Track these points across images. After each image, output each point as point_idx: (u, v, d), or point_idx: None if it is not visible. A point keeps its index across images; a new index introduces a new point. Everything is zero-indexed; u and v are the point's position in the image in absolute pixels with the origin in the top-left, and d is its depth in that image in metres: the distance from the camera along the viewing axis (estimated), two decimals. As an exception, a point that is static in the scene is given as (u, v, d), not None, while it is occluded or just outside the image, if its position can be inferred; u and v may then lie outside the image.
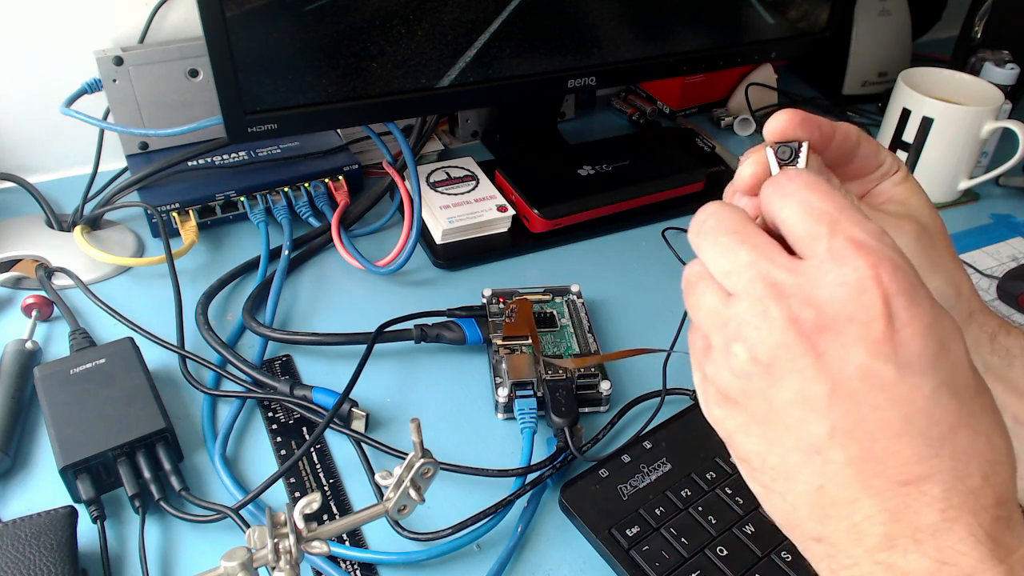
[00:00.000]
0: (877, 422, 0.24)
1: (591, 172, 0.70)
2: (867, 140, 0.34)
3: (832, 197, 0.26)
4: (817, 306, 0.24)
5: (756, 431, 0.26)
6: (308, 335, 0.54)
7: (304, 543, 0.31)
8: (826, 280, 0.24)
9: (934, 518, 0.23)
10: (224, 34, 0.51)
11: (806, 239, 0.26)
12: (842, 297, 0.24)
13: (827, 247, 0.25)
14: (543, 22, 0.62)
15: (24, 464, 0.47)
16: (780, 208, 0.27)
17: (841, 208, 0.25)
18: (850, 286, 0.24)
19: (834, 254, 0.25)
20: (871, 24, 0.89)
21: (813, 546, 0.26)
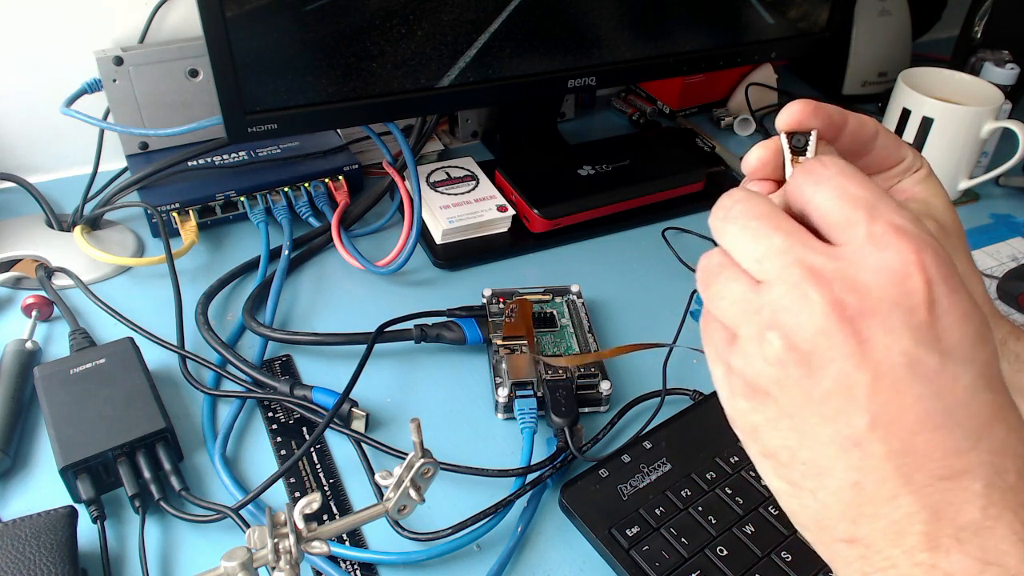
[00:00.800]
0: (919, 413, 0.23)
1: (591, 172, 0.70)
2: (887, 133, 0.33)
3: (867, 184, 0.25)
4: (860, 291, 0.23)
5: (787, 424, 0.25)
6: (308, 335, 0.54)
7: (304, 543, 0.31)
8: (868, 264, 0.24)
9: (976, 515, 0.23)
10: (224, 34, 0.51)
11: (842, 224, 0.25)
12: (885, 282, 0.23)
13: (867, 232, 0.24)
14: (543, 22, 0.62)
15: (24, 464, 0.47)
16: (813, 194, 0.26)
17: (878, 195, 0.25)
18: (893, 270, 0.23)
19: (875, 239, 0.24)
20: (871, 24, 0.89)
21: (843, 549, 0.25)
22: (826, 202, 0.25)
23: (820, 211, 0.26)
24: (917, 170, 0.34)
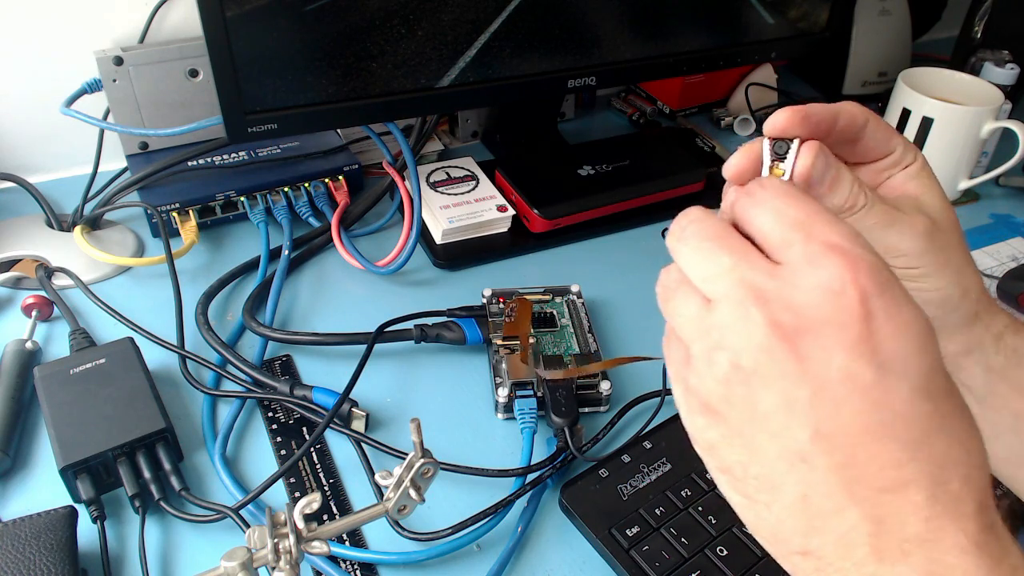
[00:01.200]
0: (858, 426, 0.24)
1: (591, 172, 0.70)
2: (878, 124, 0.33)
3: (804, 204, 0.26)
4: (796, 310, 0.24)
5: (739, 441, 0.26)
6: (308, 335, 0.54)
7: (304, 543, 0.31)
8: (803, 283, 0.24)
9: (919, 527, 0.23)
10: (224, 34, 0.51)
11: (781, 245, 0.25)
12: (819, 300, 0.24)
13: (803, 252, 0.25)
14: (543, 22, 0.62)
15: (24, 464, 0.47)
16: (754, 216, 0.27)
17: (813, 213, 0.25)
18: (827, 288, 0.24)
19: (810, 258, 0.24)
20: (871, 24, 0.89)
21: (799, 561, 0.25)
22: (766, 224, 0.26)
23: (761, 233, 0.26)
24: (908, 165, 0.34)
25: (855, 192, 0.31)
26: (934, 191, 0.34)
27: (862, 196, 0.31)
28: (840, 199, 0.31)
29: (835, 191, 0.31)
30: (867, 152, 0.34)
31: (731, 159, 0.31)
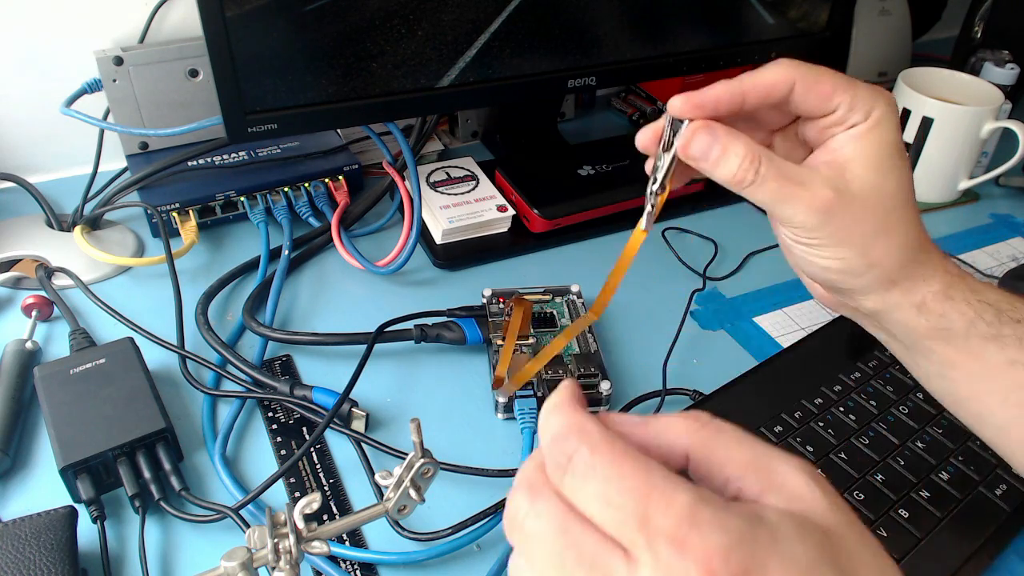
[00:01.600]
0: None
1: (591, 172, 0.70)
2: (811, 86, 0.33)
3: (632, 482, 0.22)
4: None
5: None
6: (308, 335, 0.54)
7: (304, 543, 0.31)
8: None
9: None
10: (224, 34, 0.51)
11: (624, 542, 0.22)
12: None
13: (650, 558, 0.21)
14: (543, 22, 0.62)
15: (24, 464, 0.47)
16: (580, 504, 0.23)
17: (645, 494, 0.21)
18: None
19: (658, 562, 0.21)
20: (871, 24, 0.89)
21: None
22: (598, 515, 0.22)
23: (598, 521, 0.22)
24: (854, 125, 0.34)
25: (743, 168, 0.33)
26: (868, 159, 0.34)
27: (751, 173, 0.33)
28: (725, 175, 0.33)
29: (720, 167, 0.33)
30: (804, 111, 0.34)
31: (640, 133, 0.34)
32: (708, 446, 0.24)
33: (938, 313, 0.35)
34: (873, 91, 0.34)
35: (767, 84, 0.33)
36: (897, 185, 0.34)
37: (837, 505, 0.23)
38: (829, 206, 0.33)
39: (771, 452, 0.24)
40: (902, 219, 0.34)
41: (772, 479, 0.23)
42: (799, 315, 0.61)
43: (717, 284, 0.64)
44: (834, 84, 0.34)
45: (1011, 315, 0.35)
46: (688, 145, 0.33)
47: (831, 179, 0.33)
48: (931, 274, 0.36)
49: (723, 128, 0.33)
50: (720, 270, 0.66)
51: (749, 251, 0.67)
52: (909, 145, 0.73)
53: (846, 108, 0.34)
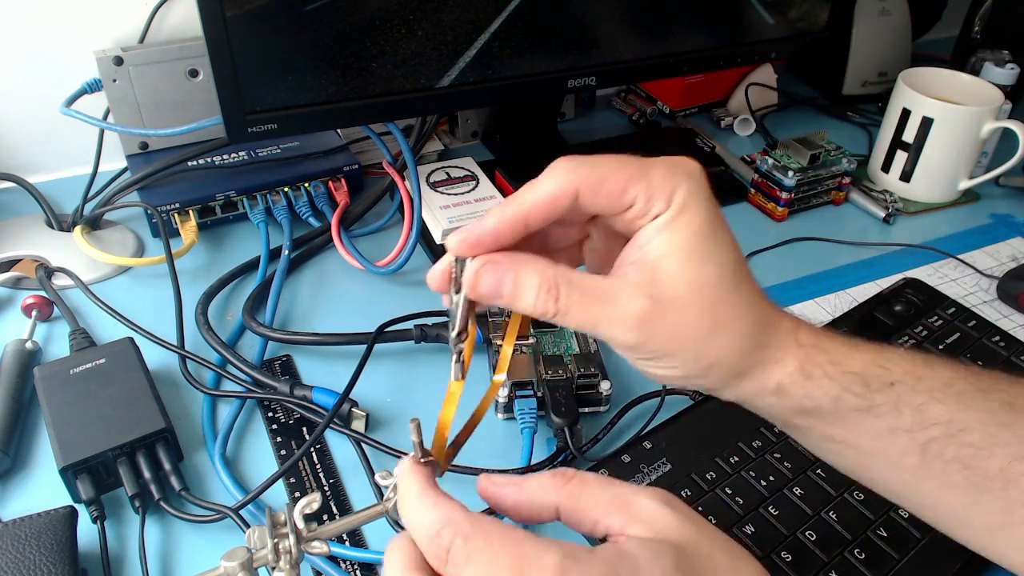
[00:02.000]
0: None
1: (591, 172, 0.70)
2: (602, 183, 0.29)
3: (503, 559, 0.24)
4: None
5: None
6: (308, 335, 0.54)
7: (304, 543, 0.31)
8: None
9: None
10: (224, 34, 0.51)
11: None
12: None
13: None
14: (543, 22, 0.62)
15: (24, 464, 0.47)
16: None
17: (518, 567, 0.24)
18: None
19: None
20: (871, 24, 0.89)
21: None
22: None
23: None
24: (657, 215, 0.30)
25: (542, 300, 0.29)
26: (679, 252, 0.30)
27: (551, 303, 0.29)
28: (525, 309, 0.30)
29: (517, 302, 0.30)
30: (598, 212, 0.31)
31: (429, 274, 0.31)
32: (574, 496, 0.27)
33: (800, 395, 0.32)
34: (671, 172, 0.30)
35: (546, 202, 0.30)
36: (718, 273, 0.30)
37: (690, 521, 0.26)
38: (645, 319, 0.29)
39: (628, 490, 0.27)
40: (732, 308, 0.31)
41: (631, 512, 0.26)
42: (799, 315, 0.60)
43: (717, 284, 0.64)
44: (624, 178, 0.30)
45: (883, 380, 0.32)
46: (475, 286, 0.30)
47: (642, 286, 0.30)
48: (782, 355, 0.32)
49: (509, 259, 0.30)
50: (720, 270, 0.66)
51: (749, 251, 0.67)
52: (909, 145, 0.73)
53: (643, 199, 0.30)
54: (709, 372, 0.31)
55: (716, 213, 0.31)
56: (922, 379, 0.32)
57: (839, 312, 0.60)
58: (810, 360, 0.32)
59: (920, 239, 0.70)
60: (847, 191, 0.75)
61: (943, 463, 0.31)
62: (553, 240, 0.34)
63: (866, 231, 0.72)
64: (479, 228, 0.30)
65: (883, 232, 0.72)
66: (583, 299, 0.30)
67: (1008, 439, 0.31)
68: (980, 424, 0.31)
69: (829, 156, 0.72)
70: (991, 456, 0.30)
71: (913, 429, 0.31)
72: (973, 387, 0.32)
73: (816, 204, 0.74)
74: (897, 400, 0.31)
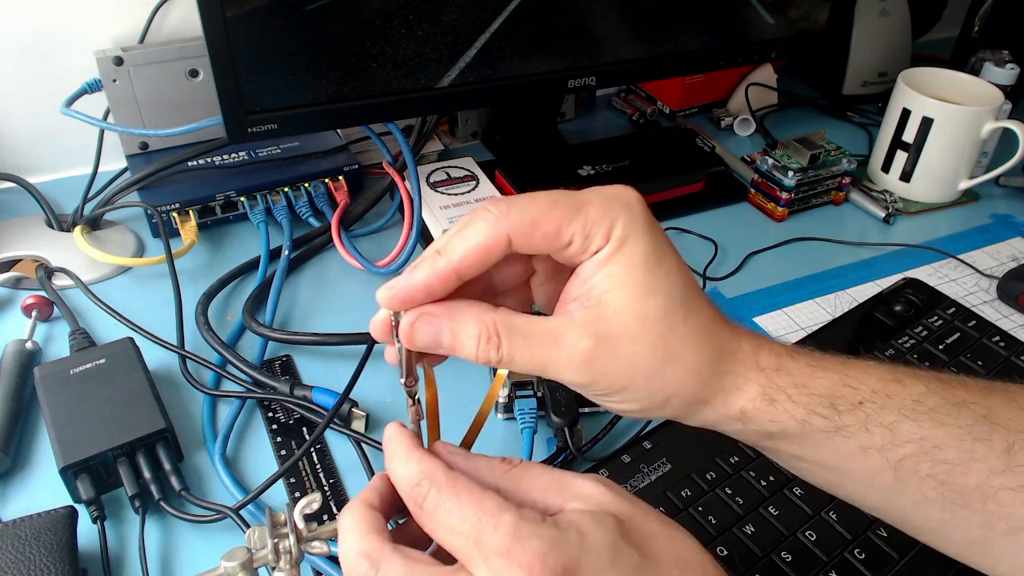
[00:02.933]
0: None
1: (591, 172, 0.70)
2: (536, 225, 0.28)
3: (468, 508, 0.26)
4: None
5: None
6: (308, 335, 0.54)
7: (304, 543, 0.31)
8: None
9: None
10: (224, 34, 0.51)
11: (470, 564, 0.26)
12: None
13: (485, 570, 0.25)
14: (543, 22, 0.62)
15: (24, 464, 0.47)
16: (434, 534, 0.27)
17: (478, 519, 0.26)
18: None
19: (493, 575, 0.25)
20: (871, 24, 0.89)
21: None
22: (446, 542, 0.26)
23: (450, 549, 0.26)
24: (598, 250, 0.29)
25: (482, 348, 0.29)
26: (622, 287, 0.29)
27: (492, 351, 0.29)
28: (469, 358, 0.30)
29: (458, 352, 0.30)
30: (538, 252, 0.30)
31: (371, 324, 0.31)
32: (515, 479, 0.29)
33: (764, 420, 0.31)
34: (608, 206, 0.29)
35: (477, 252, 0.28)
36: (665, 304, 0.29)
37: (625, 498, 0.28)
38: (592, 358, 0.29)
39: (566, 475, 0.29)
40: (683, 339, 0.30)
41: (569, 492, 0.28)
42: (799, 315, 0.61)
43: (717, 284, 0.64)
44: (558, 218, 0.29)
45: (850, 400, 0.31)
46: (412, 339, 0.30)
47: (587, 324, 0.29)
48: (743, 382, 0.31)
49: (444, 310, 0.29)
50: (720, 270, 0.66)
51: (749, 251, 0.67)
52: (909, 145, 0.73)
53: (581, 237, 0.29)
54: (667, 404, 0.31)
55: (660, 241, 0.30)
56: (892, 397, 0.31)
57: (839, 312, 0.60)
58: (772, 384, 0.31)
59: (920, 239, 0.70)
60: (847, 191, 0.75)
61: (918, 480, 0.31)
62: (498, 281, 0.33)
63: (866, 231, 0.72)
64: (409, 283, 0.29)
65: (883, 232, 0.72)
66: (527, 343, 0.29)
67: (984, 453, 0.30)
68: (955, 440, 0.30)
69: (829, 156, 0.72)
70: (967, 472, 0.30)
71: (884, 448, 0.31)
72: (946, 402, 0.31)
73: (816, 204, 0.74)
74: (866, 420, 0.31)
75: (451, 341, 0.30)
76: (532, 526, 0.25)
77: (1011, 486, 0.30)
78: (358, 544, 0.28)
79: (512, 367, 0.30)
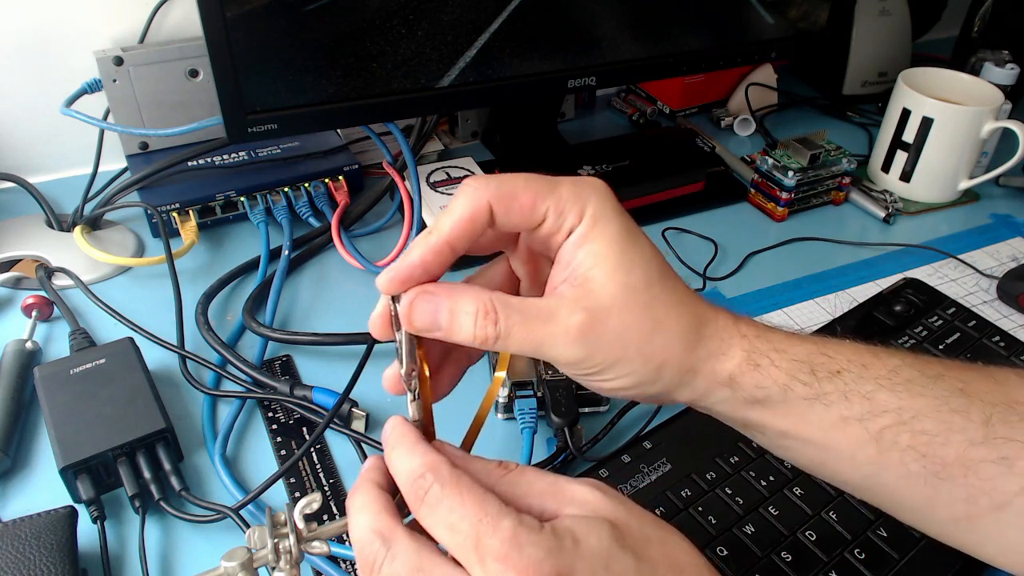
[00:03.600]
0: None
1: (591, 172, 0.70)
2: (512, 202, 0.30)
3: (470, 509, 0.26)
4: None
5: None
6: (308, 335, 0.54)
7: (304, 543, 0.31)
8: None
9: None
10: (224, 34, 0.51)
11: (465, 563, 0.26)
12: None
13: (482, 573, 0.25)
14: (543, 22, 0.62)
15: (24, 464, 0.47)
16: (432, 529, 0.27)
17: (479, 520, 0.26)
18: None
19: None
20: (871, 24, 0.89)
21: None
22: (443, 539, 0.27)
23: (445, 546, 0.27)
24: (572, 229, 0.31)
25: (480, 326, 0.30)
26: (604, 262, 0.30)
27: (490, 328, 0.30)
28: (464, 338, 0.30)
29: (455, 332, 0.30)
30: (513, 228, 0.31)
31: (370, 322, 0.33)
32: (511, 484, 0.29)
33: (751, 385, 0.32)
34: (578, 188, 0.31)
35: (464, 221, 0.30)
36: (646, 276, 0.31)
37: (620, 502, 0.28)
38: (586, 331, 0.30)
39: (561, 479, 0.29)
40: (667, 306, 0.31)
41: (565, 496, 0.28)
42: (799, 315, 0.61)
43: (717, 284, 0.64)
44: (533, 192, 0.31)
45: (828, 368, 0.32)
46: (411, 319, 0.31)
47: (577, 300, 0.30)
48: (727, 347, 0.32)
49: (444, 288, 0.30)
50: (720, 270, 0.66)
51: (749, 251, 0.67)
52: (909, 145, 0.73)
53: (554, 213, 0.31)
54: (660, 374, 0.32)
55: (630, 223, 0.32)
56: (868, 367, 0.32)
57: (839, 312, 0.60)
58: (755, 349, 0.32)
59: (920, 239, 0.70)
60: (847, 191, 0.75)
61: (899, 452, 0.31)
62: (484, 283, 0.35)
63: (866, 231, 0.72)
64: (406, 262, 0.30)
65: (883, 232, 0.72)
66: (523, 320, 0.30)
67: (962, 425, 0.31)
68: (932, 411, 0.31)
69: (829, 156, 0.72)
70: (946, 443, 0.31)
71: (863, 418, 0.31)
72: (922, 374, 0.32)
73: (816, 204, 0.74)
74: (845, 388, 0.32)
75: (449, 320, 0.30)
76: (530, 533, 0.25)
77: (991, 458, 0.30)
78: (372, 522, 0.28)
79: (508, 345, 0.30)
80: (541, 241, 0.32)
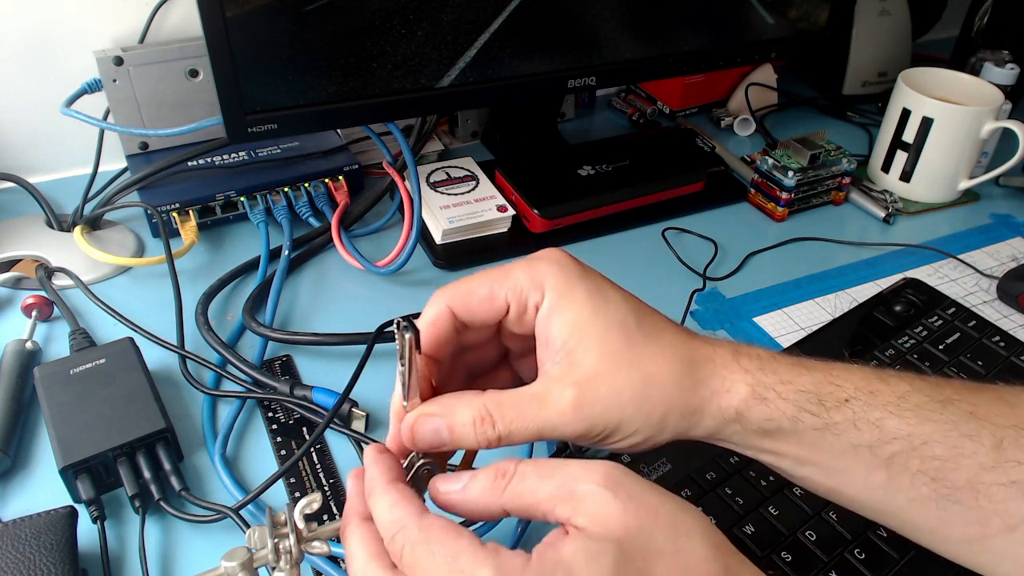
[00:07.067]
0: None
1: (591, 172, 0.70)
2: (471, 295, 0.32)
3: (442, 568, 0.26)
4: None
5: None
6: (308, 335, 0.54)
7: (304, 543, 0.31)
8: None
9: None
10: (224, 34, 0.51)
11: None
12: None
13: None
14: (543, 22, 0.62)
15: (24, 464, 0.47)
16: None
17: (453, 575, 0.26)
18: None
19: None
20: (871, 24, 0.89)
21: None
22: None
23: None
24: (538, 304, 0.32)
25: (479, 432, 0.30)
26: (577, 326, 0.31)
27: (490, 432, 0.30)
28: (469, 446, 0.31)
29: (459, 443, 0.31)
30: (484, 322, 0.32)
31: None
32: (516, 496, 0.28)
33: (761, 418, 0.32)
34: (531, 265, 0.32)
35: (436, 332, 0.31)
36: (623, 333, 0.31)
37: (632, 502, 0.26)
38: (579, 405, 0.30)
39: (570, 477, 0.27)
40: (653, 357, 0.31)
41: (575, 502, 0.27)
42: (799, 315, 0.61)
43: (717, 284, 0.64)
44: (488, 285, 0.32)
45: (836, 397, 0.32)
46: (415, 443, 0.32)
47: (564, 376, 0.30)
48: (730, 384, 0.32)
49: (439, 406, 0.31)
50: (720, 270, 0.66)
51: (749, 251, 0.67)
52: (909, 145, 0.73)
53: (515, 297, 0.31)
54: (664, 424, 0.31)
55: (597, 281, 0.32)
56: (876, 394, 0.32)
57: (839, 312, 0.60)
58: (760, 383, 0.32)
59: (920, 239, 0.70)
60: (847, 191, 0.75)
61: (910, 476, 0.31)
62: (474, 364, 0.36)
63: (866, 231, 0.72)
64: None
65: (883, 232, 0.72)
66: (519, 414, 0.30)
67: (972, 449, 0.31)
68: (942, 436, 0.31)
69: (829, 156, 0.72)
70: (957, 468, 0.31)
71: (874, 445, 0.31)
72: (931, 399, 0.32)
73: (816, 204, 0.74)
74: (854, 417, 0.31)
75: (450, 435, 0.31)
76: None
77: (1002, 481, 0.30)
78: (366, 569, 0.28)
79: (513, 440, 0.31)
80: (517, 326, 0.32)
